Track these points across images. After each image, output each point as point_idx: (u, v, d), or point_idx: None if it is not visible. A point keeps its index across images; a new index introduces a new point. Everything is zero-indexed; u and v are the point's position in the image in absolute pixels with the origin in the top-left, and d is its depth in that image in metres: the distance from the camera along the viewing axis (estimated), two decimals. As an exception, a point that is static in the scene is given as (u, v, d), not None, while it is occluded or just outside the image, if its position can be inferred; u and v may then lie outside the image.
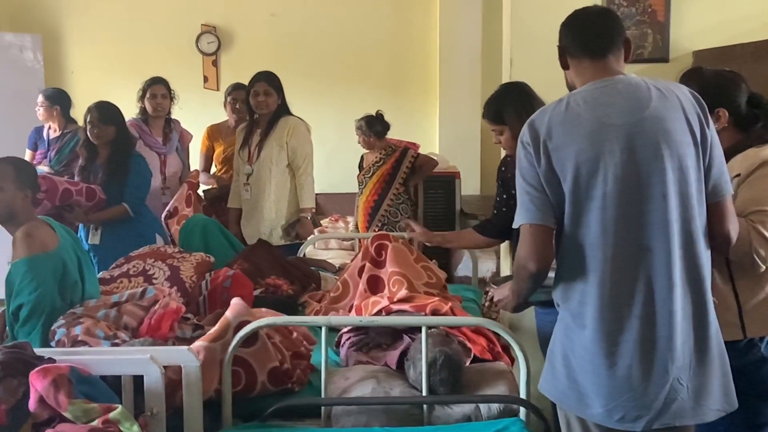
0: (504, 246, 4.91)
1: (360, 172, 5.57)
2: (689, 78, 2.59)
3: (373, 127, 5.37)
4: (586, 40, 2.24)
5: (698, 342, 2.12)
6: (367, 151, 5.55)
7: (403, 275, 3.50)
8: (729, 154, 2.48)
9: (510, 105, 3.26)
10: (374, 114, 5.38)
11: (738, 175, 2.47)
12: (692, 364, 2.11)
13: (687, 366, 2.10)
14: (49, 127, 5.51)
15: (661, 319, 2.08)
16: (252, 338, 2.79)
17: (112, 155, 4.41)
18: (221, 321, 2.80)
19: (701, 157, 2.15)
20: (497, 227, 3.52)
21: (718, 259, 2.42)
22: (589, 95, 2.17)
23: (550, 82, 2.92)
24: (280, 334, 3.01)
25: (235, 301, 2.92)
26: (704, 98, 2.26)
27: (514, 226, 2.24)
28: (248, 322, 2.79)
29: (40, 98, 5.45)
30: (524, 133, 2.21)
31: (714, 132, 2.19)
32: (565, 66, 2.32)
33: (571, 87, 2.31)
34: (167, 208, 4.63)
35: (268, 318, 2.84)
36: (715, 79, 2.59)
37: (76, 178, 4.44)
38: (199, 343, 2.68)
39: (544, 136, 2.16)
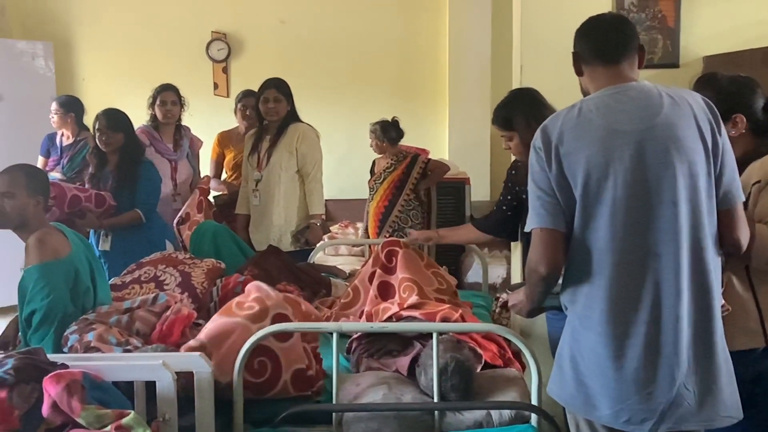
0: (515, 251, 4.90)
1: (371, 177, 5.57)
2: (704, 84, 2.58)
3: (388, 132, 5.37)
4: (600, 47, 2.25)
5: (704, 348, 2.14)
6: (379, 155, 5.55)
7: (414, 281, 3.50)
8: (746, 160, 2.47)
9: (519, 111, 3.27)
10: (390, 120, 5.39)
11: (758, 181, 2.46)
12: (698, 370, 2.12)
13: (693, 372, 2.12)
14: (62, 134, 5.54)
15: (667, 324, 2.10)
16: (284, 336, 2.85)
17: (122, 162, 4.42)
18: (260, 305, 2.86)
19: (712, 164, 2.15)
20: (493, 223, 3.61)
21: (737, 266, 2.43)
22: (601, 101, 2.19)
23: (560, 88, 2.92)
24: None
25: (268, 289, 2.97)
26: (721, 104, 2.26)
27: (526, 229, 2.26)
28: (284, 315, 2.88)
29: (55, 105, 5.49)
30: (537, 138, 2.23)
31: (726, 139, 2.19)
32: (579, 72, 2.33)
33: (585, 93, 2.33)
34: (179, 214, 4.65)
35: (278, 324, 2.85)
36: (731, 84, 2.57)
37: (87, 186, 4.46)
38: (237, 320, 2.76)
39: (555, 141, 2.17)
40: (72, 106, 5.51)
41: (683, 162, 2.11)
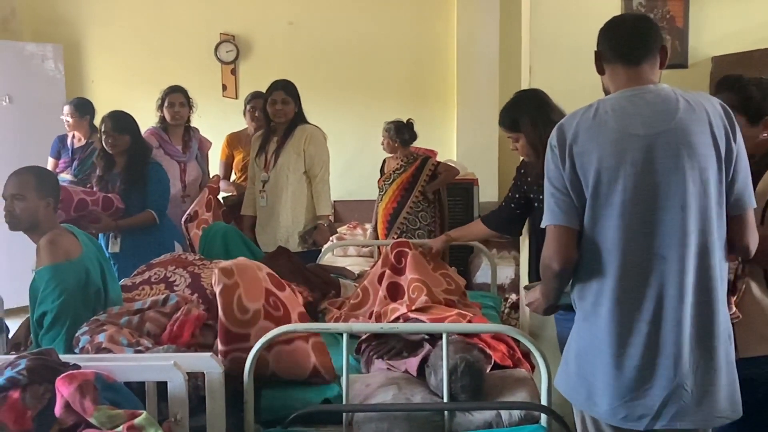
0: (524, 252, 4.90)
1: (381, 176, 5.58)
2: (729, 85, 2.55)
3: (401, 133, 5.38)
4: (622, 47, 2.26)
5: (705, 350, 2.16)
6: (390, 155, 5.56)
7: (423, 282, 3.51)
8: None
9: (525, 113, 3.29)
10: (405, 121, 5.40)
11: None
12: (698, 370, 2.15)
13: (692, 372, 2.14)
14: (73, 136, 5.57)
15: (668, 325, 2.13)
16: (280, 286, 3.23)
17: (129, 164, 4.44)
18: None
19: (724, 171, 2.17)
20: (501, 220, 3.64)
21: (756, 271, 2.43)
22: (617, 103, 2.21)
23: (570, 89, 2.93)
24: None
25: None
26: (750, 107, 2.28)
27: (541, 226, 2.29)
28: (277, 278, 3.23)
29: (70, 108, 5.52)
30: (553, 136, 2.26)
31: (741, 146, 2.20)
32: (600, 71, 2.34)
33: (606, 92, 2.35)
34: (187, 212, 4.66)
35: (289, 325, 2.87)
36: (759, 88, 2.54)
37: (95, 188, 4.47)
38: (247, 263, 3.12)
39: (570, 140, 2.20)
40: (87, 109, 5.57)
41: (694, 167, 2.12)
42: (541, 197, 3.23)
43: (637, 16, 2.44)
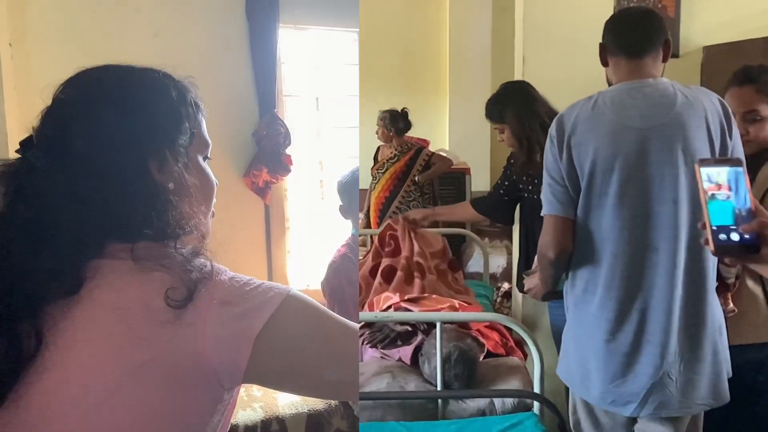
0: (516, 240, 4.92)
1: (374, 164, 5.59)
2: (754, 78, 2.53)
3: (396, 122, 5.39)
4: (625, 41, 2.28)
5: (692, 341, 2.19)
6: (384, 143, 5.57)
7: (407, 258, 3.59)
8: None
9: (510, 104, 3.34)
10: (400, 110, 5.41)
11: None
12: (683, 360, 2.18)
13: (678, 361, 2.18)
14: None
15: (657, 314, 2.17)
16: None
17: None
18: None
19: None
20: (489, 205, 3.69)
21: None
22: (616, 96, 2.23)
23: (563, 79, 2.93)
24: None
25: None
26: None
27: (541, 214, 2.32)
28: None
29: None
30: (552, 127, 2.29)
31: (737, 142, 2.22)
32: (604, 63, 2.36)
33: (609, 83, 2.37)
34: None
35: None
36: None
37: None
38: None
39: (568, 131, 2.23)
40: None
41: (688, 162, 2.14)
42: (530, 187, 3.28)
43: (642, 9, 2.45)
